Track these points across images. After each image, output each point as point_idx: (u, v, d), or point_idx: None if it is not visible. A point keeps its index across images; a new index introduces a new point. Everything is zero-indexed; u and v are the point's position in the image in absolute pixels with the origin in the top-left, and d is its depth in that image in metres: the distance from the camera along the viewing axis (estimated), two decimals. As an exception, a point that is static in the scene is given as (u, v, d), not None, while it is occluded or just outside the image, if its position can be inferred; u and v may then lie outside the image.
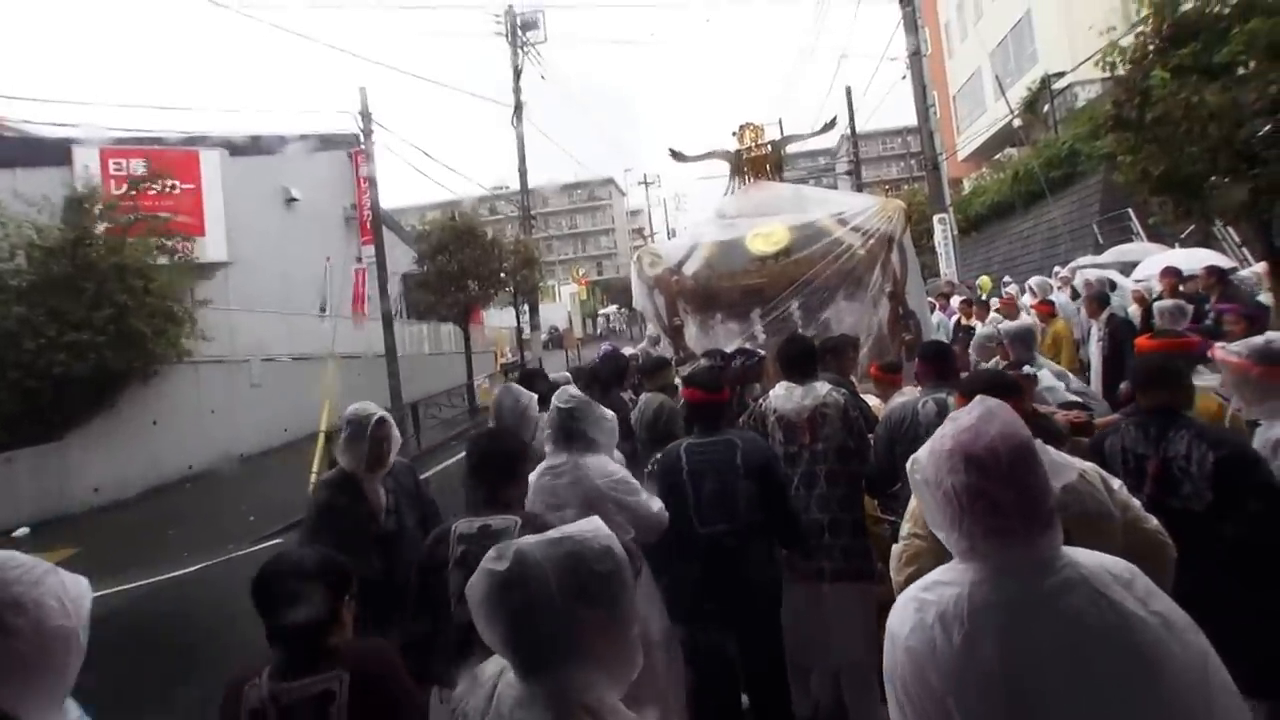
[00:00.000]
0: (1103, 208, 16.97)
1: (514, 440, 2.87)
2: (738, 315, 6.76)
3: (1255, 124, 6.02)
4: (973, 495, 1.36)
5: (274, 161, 20.04)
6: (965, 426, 1.43)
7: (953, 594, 1.36)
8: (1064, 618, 1.29)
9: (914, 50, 15.17)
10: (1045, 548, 1.37)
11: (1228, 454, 2.50)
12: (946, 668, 1.31)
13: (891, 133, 58.40)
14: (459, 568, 2.39)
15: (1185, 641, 1.29)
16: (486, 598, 1.23)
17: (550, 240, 61.75)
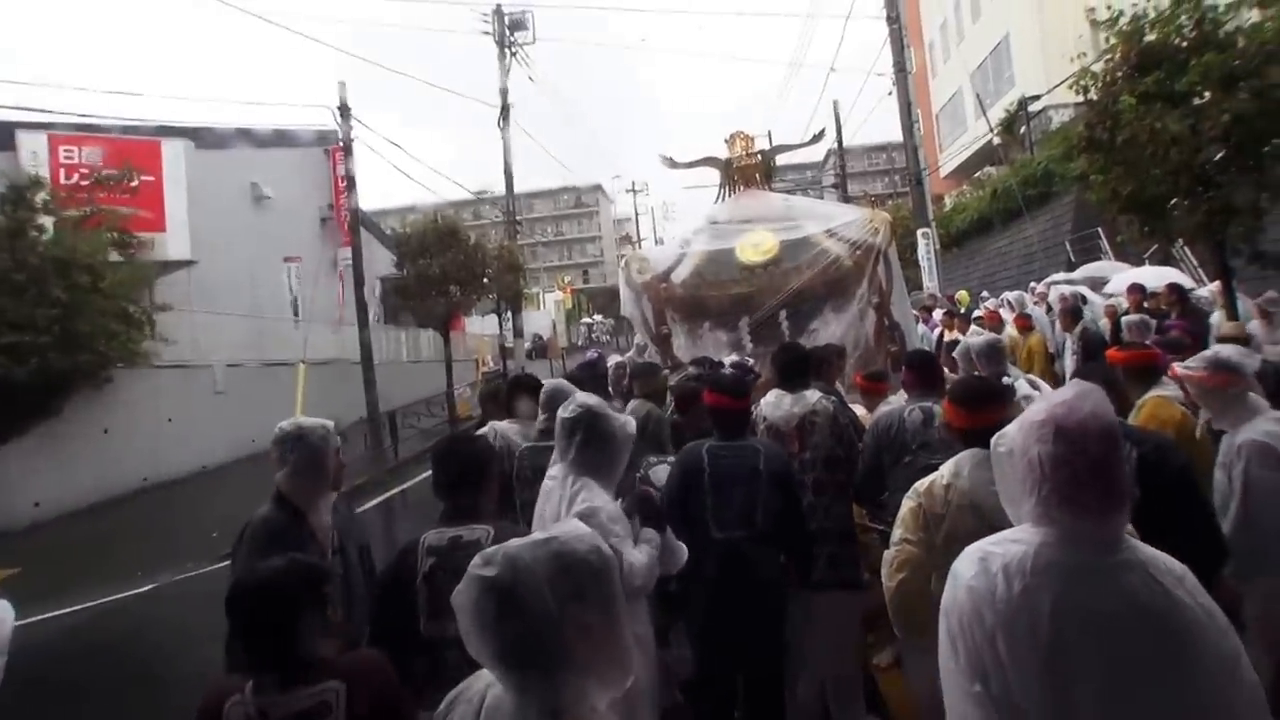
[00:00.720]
0: (1075, 226, 17.44)
1: (479, 445, 2.70)
2: (726, 324, 6.85)
3: (1210, 150, 6.36)
4: (1057, 464, 1.45)
5: (244, 156, 19.02)
6: (1061, 401, 1.51)
7: (1019, 550, 1.46)
8: (1118, 592, 1.39)
9: (900, 67, 15.50)
10: (1114, 527, 1.47)
11: (1149, 449, 2.72)
12: (1003, 611, 1.42)
13: (876, 148, 58.82)
14: (427, 583, 2.26)
15: (1224, 638, 1.39)
16: (477, 605, 1.19)
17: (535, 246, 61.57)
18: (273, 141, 19.86)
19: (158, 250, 14.83)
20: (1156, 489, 2.64)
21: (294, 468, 2.79)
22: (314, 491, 2.81)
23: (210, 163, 17.44)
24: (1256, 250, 6.73)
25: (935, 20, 33.10)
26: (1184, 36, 6.65)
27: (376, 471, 13.47)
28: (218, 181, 17.68)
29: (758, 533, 3.11)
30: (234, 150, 18.74)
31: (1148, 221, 7.27)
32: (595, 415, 2.78)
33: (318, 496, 2.83)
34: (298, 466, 2.79)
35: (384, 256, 21.70)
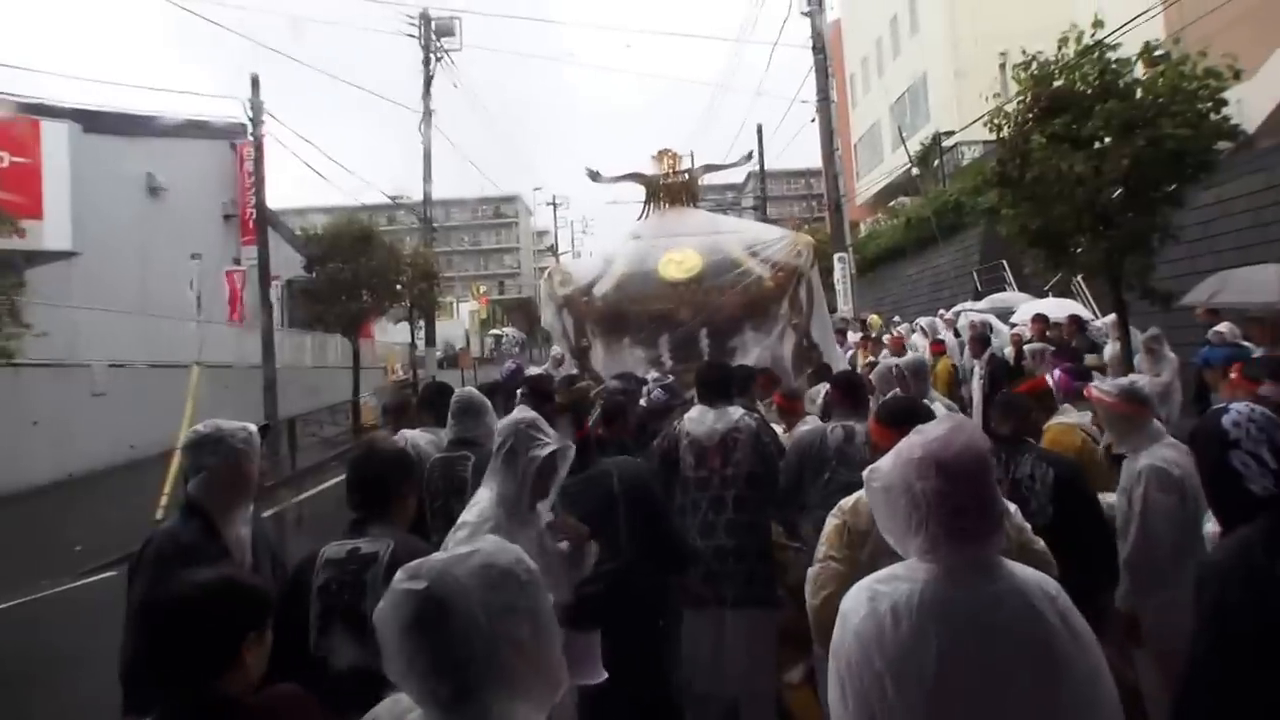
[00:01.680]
0: (983, 257, 18.27)
1: (395, 455, 2.56)
2: (646, 340, 6.81)
3: (1110, 191, 6.72)
4: (941, 498, 1.49)
5: (139, 144, 17.94)
6: (936, 436, 1.57)
7: (905, 589, 1.50)
8: (999, 623, 1.46)
9: (823, 96, 15.94)
10: (993, 549, 1.54)
11: (1063, 470, 2.92)
12: (890, 653, 1.45)
13: (796, 173, 60.35)
14: (320, 597, 2.15)
15: (1088, 657, 1.47)
16: (403, 621, 1.11)
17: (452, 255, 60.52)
18: (174, 131, 18.76)
19: (32, 239, 13.42)
20: (1069, 509, 2.84)
21: (211, 475, 2.51)
22: (231, 502, 2.54)
23: (101, 149, 16.30)
24: (1148, 287, 7.11)
25: (857, 54, 34.39)
26: (1089, 84, 7.00)
27: (272, 481, 12.80)
28: (109, 169, 16.56)
29: (626, 560, 2.98)
30: (129, 138, 17.60)
31: (1053, 255, 7.61)
32: (515, 435, 2.60)
33: (235, 508, 2.55)
34: (215, 474, 2.51)
35: (290, 257, 20.74)
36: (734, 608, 3.51)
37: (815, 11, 16.03)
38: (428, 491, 3.47)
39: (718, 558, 3.57)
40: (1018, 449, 3.08)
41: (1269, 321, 6.11)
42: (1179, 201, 7.05)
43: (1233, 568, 1.78)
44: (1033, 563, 2.23)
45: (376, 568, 2.13)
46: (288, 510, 11.20)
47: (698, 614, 3.52)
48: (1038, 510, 2.85)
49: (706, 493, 3.65)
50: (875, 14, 31.61)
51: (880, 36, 31.63)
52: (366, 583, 2.12)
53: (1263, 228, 10.44)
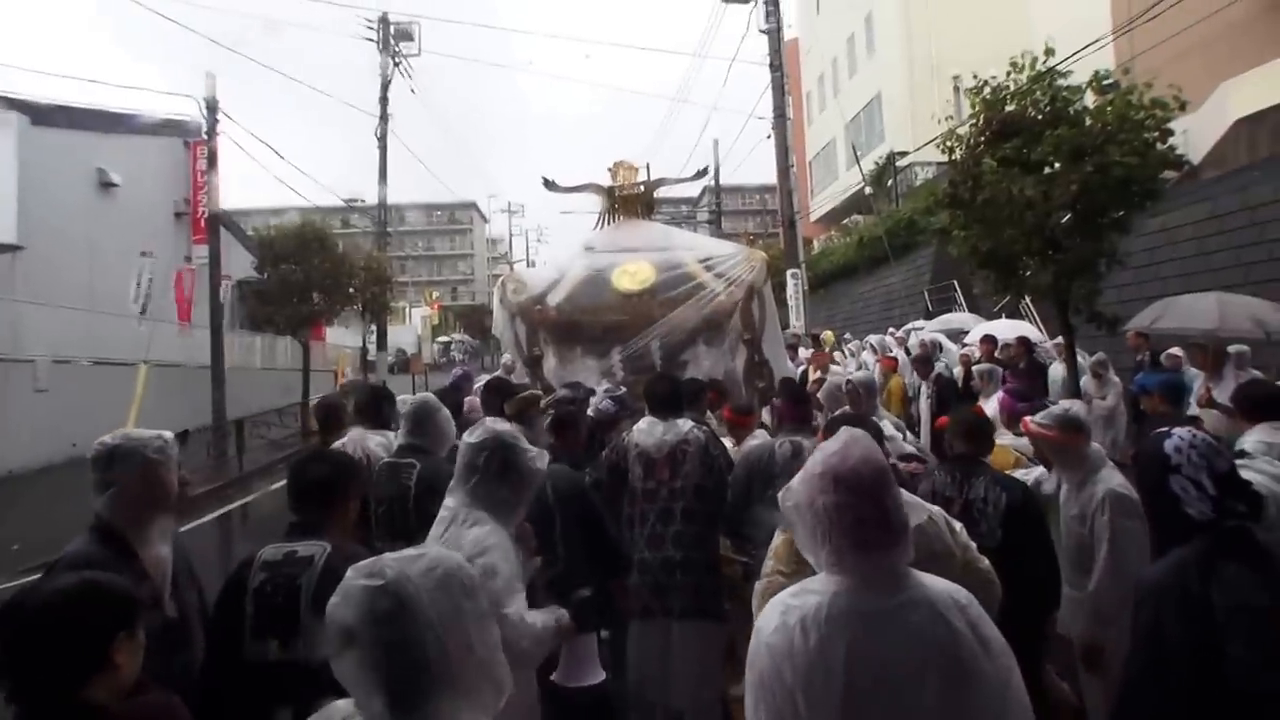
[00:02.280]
0: (934, 277, 18.60)
1: (336, 461, 2.55)
2: (598, 351, 6.76)
3: (1059, 215, 6.84)
4: (841, 511, 1.52)
5: (91, 139, 17.50)
6: (833, 451, 1.61)
7: (815, 601, 1.52)
8: (906, 631, 1.47)
9: (780, 113, 16.08)
10: (900, 558, 1.55)
11: (1015, 495, 2.95)
12: (799, 665, 1.47)
13: (751, 189, 61.06)
14: (255, 598, 2.14)
15: (997, 664, 1.49)
16: (361, 619, 1.11)
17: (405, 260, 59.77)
18: (126, 127, 18.28)
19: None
20: (1018, 533, 2.87)
21: (121, 491, 2.29)
22: (146, 520, 2.32)
23: (50, 142, 15.94)
24: (1094, 311, 7.24)
25: (814, 72, 34.92)
26: (1040, 110, 7.14)
27: (218, 483, 12.45)
28: (58, 163, 16.14)
29: (563, 567, 3.03)
30: (80, 132, 17.13)
31: (1002, 277, 7.72)
32: (506, 446, 2.47)
33: (151, 526, 2.33)
34: (127, 489, 2.29)
35: (242, 258, 20.38)
36: (681, 619, 3.50)
37: (773, 29, 16.20)
38: (373, 496, 3.42)
39: (665, 569, 3.55)
40: (972, 470, 3.08)
41: (1210, 348, 6.25)
42: (1126, 228, 7.21)
43: (1168, 589, 1.85)
44: (975, 580, 2.34)
45: (311, 570, 2.13)
46: (234, 513, 10.97)
47: (645, 625, 3.52)
48: (987, 533, 2.86)
49: (654, 504, 3.63)
50: (832, 33, 32.17)
51: (837, 56, 32.17)
52: (301, 585, 2.11)
53: (1206, 256, 10.78)
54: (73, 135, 16.98)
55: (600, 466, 3.90)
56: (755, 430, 4.70)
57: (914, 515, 2.30)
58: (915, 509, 2.35)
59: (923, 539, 2.24)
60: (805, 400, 3.92)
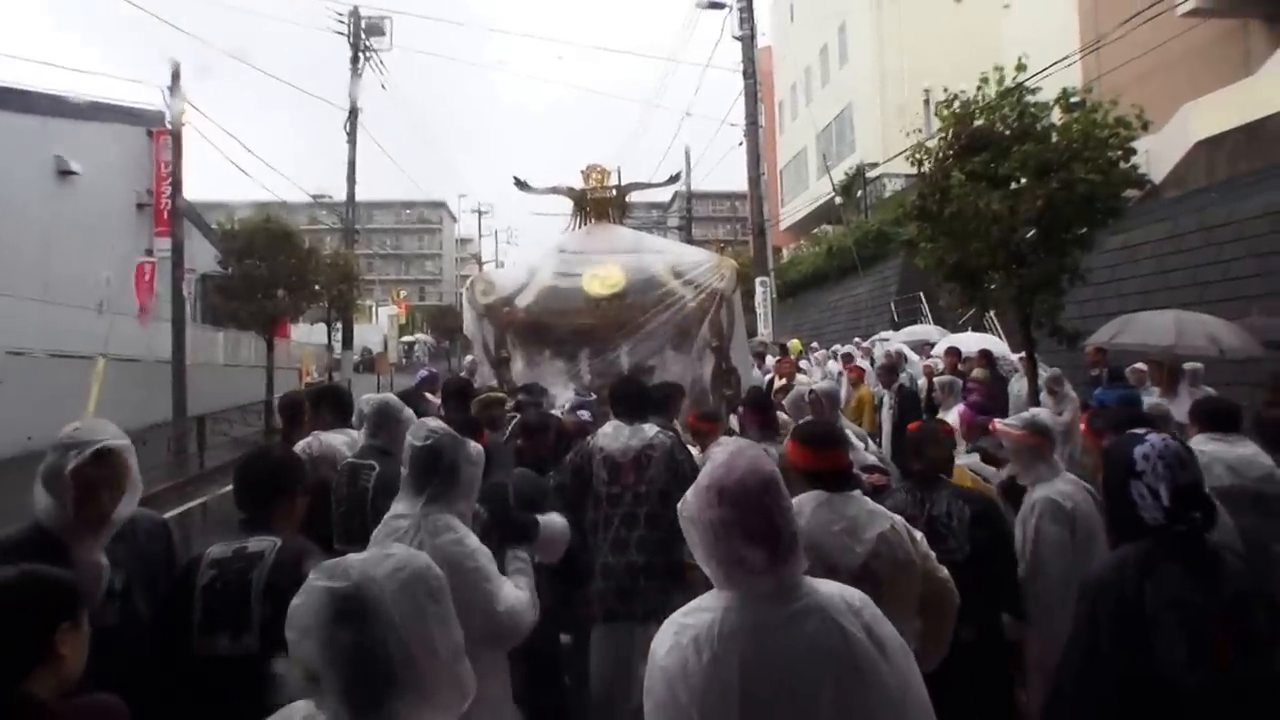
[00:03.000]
0: (901, 288, 18.83)
1: (280, 458, 2.60)
2: (566, 354, 6.75)
3: (1024, 230, 6.93)
4: (727, 526, 1.50)
5: (48, 125, 16.99)
6: (719, 464, 1.58)
7: (707, 619, 1.51)
8: (799, 640, 1.46)
9: (752, 121, 16.19)
10: (788, 574, 1.52)
11: (981, 508, 3.01)
12: (694, 684, 1.45)
13: (721, 196, 61.27)
14: (204, 595, 2.14)
15: (895, 665, 1.49)
16: (323, 620, 1.09)
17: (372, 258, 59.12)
18: (86, 113, 17.69)
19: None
20: (984, 545, 2.93)
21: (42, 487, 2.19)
22: (87, 526, 2.18)
23: (4, 126, 15.45)
24: (1055, 325, 7.35)
25: (787, 81, 35.21)
26: (1008, 125, 7.21)
27: (178, 479, 12.21)
28: (13, 148, 15.66)
29: None
30: (36, 117, 16.58)
31: (967, 290, 7.80)
32: (458, 444, 2.46)
33: (92, 532, 2.19)
34: (46, 486, 2.19)
35: (206, 251, 19.99)
36: (644, 622, 3.48)
37: (747, 36, 16.30)
38: (334, 496, 3.41)
39: (629, 574, 3.56)
40: (932, 485, 3.11)
41: (1166, 365, 6.37)
42: (1088, 245, 7.32)
43: (1108, 583, 1.91)
44: (934, 589, 2.43)
45: (261, 566, 2.14)
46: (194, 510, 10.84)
47: (609, 628, 3.53)
48: (956, 547, 2.90)
49: (619, 509, 3.64)
50: (806, 43, 32.46)
51: (810, 65, 32.47)
52: (251, 581, 2.12)
53: (1165, 274, 11.04)
54: (28, 120, 16.46)
55: (564, 470, 3.88)
56: (720, 437, 4.70)
57: (877, 524, 2.34)
58: (879, 518, 2.38)
59: (886, 547, 2.32)
60: (770, 408, 3.95)
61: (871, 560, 2.26)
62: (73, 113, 17.45)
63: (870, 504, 2.44)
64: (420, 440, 2.42)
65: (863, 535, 2.30)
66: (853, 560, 2.25)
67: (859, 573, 2.21)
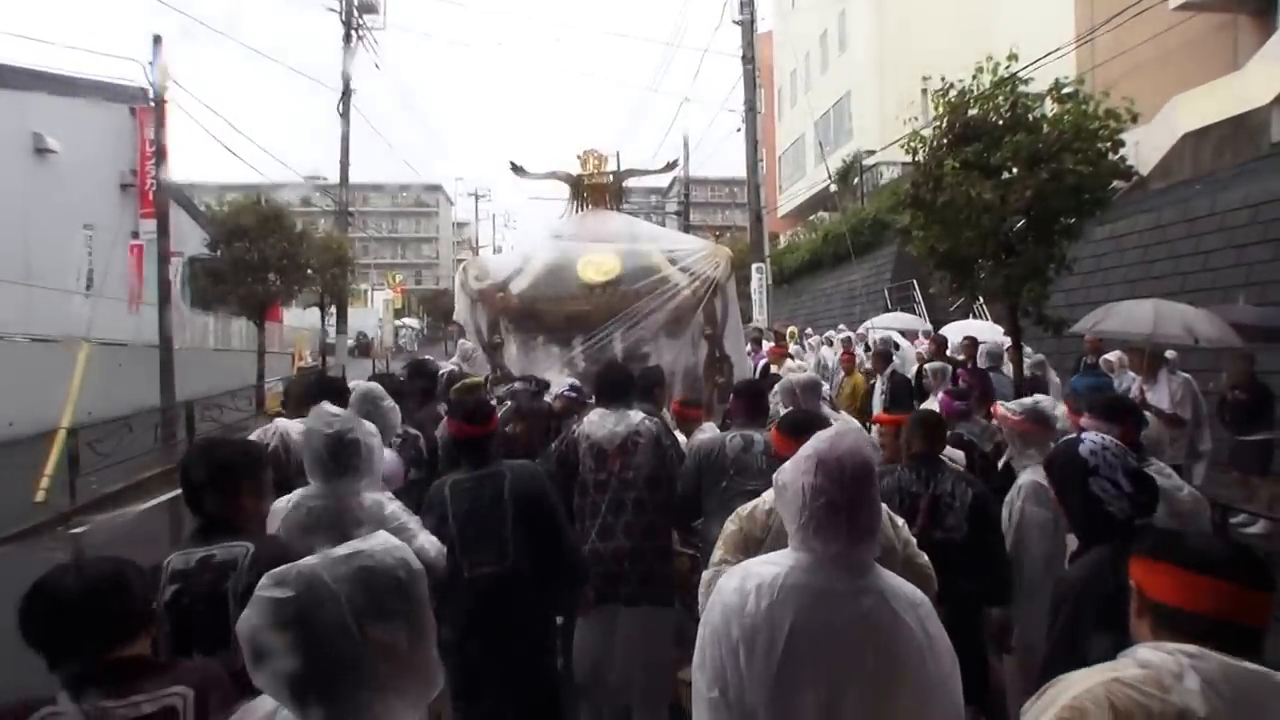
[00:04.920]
0: (894, 275, 18.90)
1: (236, 448, 2.34)
2: (560, 340, 6.74)
3: (1014, 220, 7.00)
4: (816, 494, 1.64)
5: (24, 100, 16.37)
6: (825, 438, 1.72)
7: (773, 571, 1.65)
8: (852, 614, 1.58)
9: (751, 107, 16.15)
10: (861, 552, 1.66)
11: (980, 491, 3.13)
12: (746, 624, 1.60)
13: (720, 181, 61.04)
14: (168, 613, 1.97)
15: (939, 663, 1.60)
16: (267, 631, 1.09)
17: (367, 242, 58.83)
18: (66, 89, 17.20)
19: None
20: (980, 526, 3.04)
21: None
22: None
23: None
24: (1041, 313, 7.44)
25: (786, 67, 35.07)
26: (1001, 115, 7.26)
27: (166, 465, 12.15)
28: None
29: (510, 565, 3.04)
30: (11, 91, 16.06)
31: (958, 278, 7.88)
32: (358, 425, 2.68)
33: None
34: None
35: (194, 233, 19.60)
36: (629, 605, 3.57)
37: (746, 21, 16.24)
38: None
39: (615, 559, 3.60)
40: (935, 466, 3.23)
41: (1146, 352, 6.48)
42: (1076, 235, 7.40)
43: (1086, 585, 1.99)
44: (914, 574, 2.44)
45: (237, 576, 1.99)
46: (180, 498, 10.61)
47: (595, 610, 3.56)
48: (955, 525, 3.03)
49: (605, 495, 3.67)
50: (806, 29, 32.32)
51: (809, 51, 32.34)
52: (227, 593, 1.98)
53: (1149, 264, 11.15)
54: (4, 95, 15.95)
55: (549, 458, 3.89)
56: (704, 424, 4.75)
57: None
58: None
59: None
60: (759, 395, 3.98)
61: None
62: (51, 88, 16.94)
63: None
64: (327, 426, 2.60)
65: None
66: None
67: None
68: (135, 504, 9.95)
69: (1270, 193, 9.54)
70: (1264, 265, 9.13)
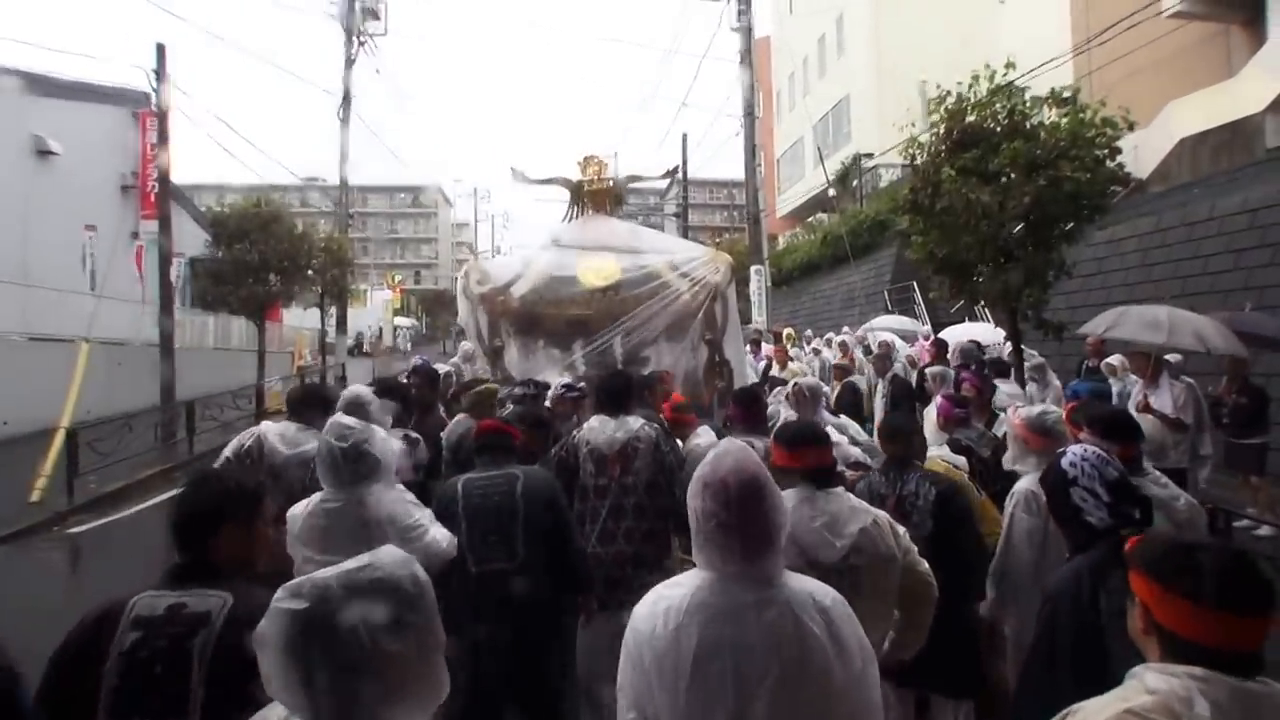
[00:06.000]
0: (894, 277, 18.94)
1: (221, 487, 2.03)
2: (561, 344, 6.79)
3: (1013, 225, 7.04)
4: (707, 517, 1.67)
5: (27, 104, 16.50)
6: (709, 460, 1.75)
7: (680, 594, 1.69)
8: (755, 626, 1.61)
9: (749, 111, 16.19)
10: (762, 567, 1.67)
11: (943, 488, 3.17)
12: (656, 648, 1.64)
13: (719, 183, 60.94)
14: (123, 663, 1.66)
15: (849, 665, 1.62)
16: (284, 642, 1.11)
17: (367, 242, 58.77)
18: (67, 92, 17.34)
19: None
20: (947, 524, 3.08)
21: None
22: None
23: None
24: (1041, 317, 7.48)
25: (785, 70, 35.12)
26: (999, 122, 7.31)
27: (166, 464, 12.16)
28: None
29: (519, 564, 3.06)
30: (14, 95, 16.11)
31: (956, 282, 7.92)
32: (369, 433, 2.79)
33: None
34: None
35: (194, 234, 19.64)
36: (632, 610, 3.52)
37: (745, 26, 16.29)
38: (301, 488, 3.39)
39: (617, 564, 3.62)
40: (905, 469, 3.27)
41: (1152, 357, 6.49)
42: (1075, 240, 7.44)
43: (1064, 591, 2.03)
44: (913, 581, 2.53)
45: (207, 633, 1.70)
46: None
47: (598, 618, 3.55)
48: (919, 523, 3.06)
49: (606, 500, 3.70)
50: (804, 33, 32.36)
51: (807, 55, 32.40)
52: (193, 651, 1.68)
53: (1148, 267, 11.19)
54: (8, 98, 16.02)
55: (549, 463, 3.90)
56: (698, 429, 4.76)
57: (857, 520, 2.43)
58: (861, 514, 2.47)
59: (867, 541, 2.40)
60: (758, 401, 4.01)
61: (852, 555, 2.34)
62: (53, 92, 17.09)
63: (853, 500, 2.51)
64: (338, 439, 2.72)
65: (843, 531, 2.37)
66: (832, 555, 2.33)
67: (839, 567, 2.31)
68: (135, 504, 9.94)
69: (1268, 198, 9.59)
70: (1262, 270, 9.18)
